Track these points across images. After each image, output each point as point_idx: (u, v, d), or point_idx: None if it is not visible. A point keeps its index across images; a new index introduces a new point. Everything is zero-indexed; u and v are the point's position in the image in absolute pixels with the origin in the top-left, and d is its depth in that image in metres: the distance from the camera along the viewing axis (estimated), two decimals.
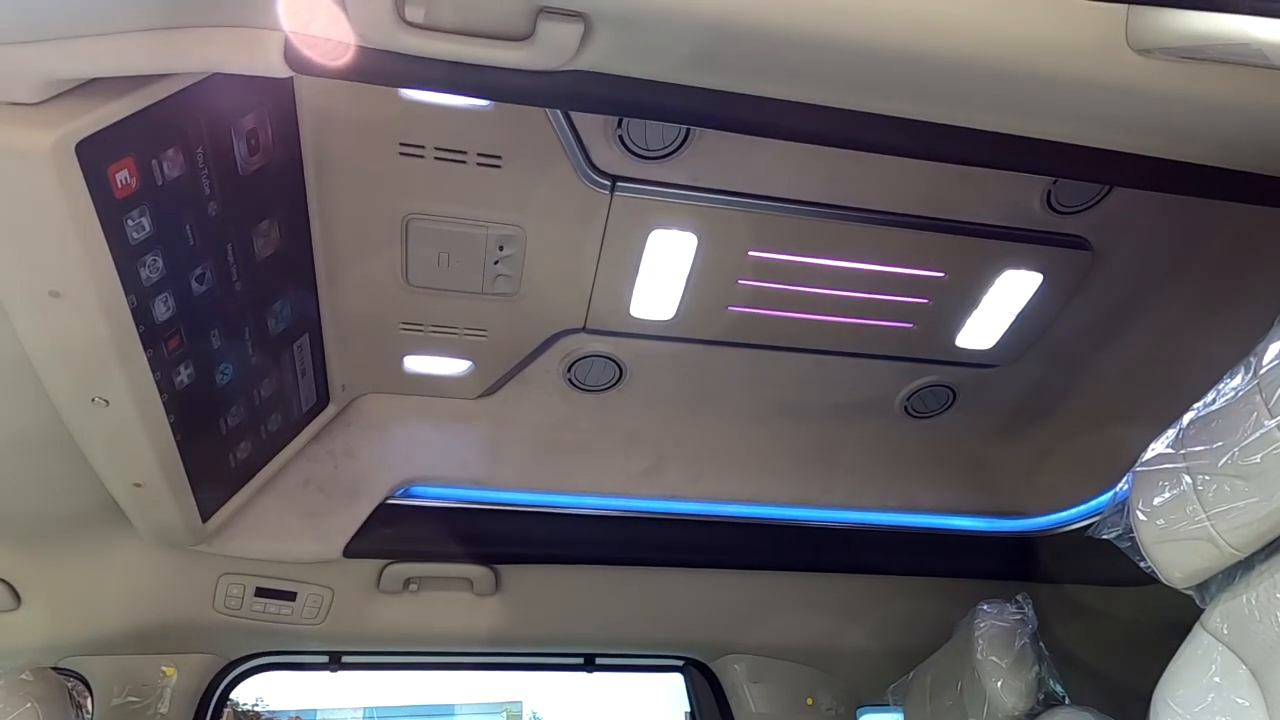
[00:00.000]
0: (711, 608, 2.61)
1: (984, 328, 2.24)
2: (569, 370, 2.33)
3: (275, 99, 1.56)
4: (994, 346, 2.30)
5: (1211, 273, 2.04)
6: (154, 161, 1.36)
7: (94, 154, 1.24)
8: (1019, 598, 2.17)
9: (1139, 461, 1.49)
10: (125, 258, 1.38)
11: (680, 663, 2.87)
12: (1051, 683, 2.06)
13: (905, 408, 2.51)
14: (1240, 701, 1.28)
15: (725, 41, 1.14)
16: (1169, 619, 1.53)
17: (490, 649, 2.63)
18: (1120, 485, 1.55)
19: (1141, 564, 1.48)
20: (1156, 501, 1.42)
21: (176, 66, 1.19)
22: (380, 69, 1.17)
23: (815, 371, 2.37)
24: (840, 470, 2.53)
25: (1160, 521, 1.42)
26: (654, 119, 1.67)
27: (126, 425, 1.60)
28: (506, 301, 2.09)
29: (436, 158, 1.77)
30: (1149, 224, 2.01)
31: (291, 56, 1.17)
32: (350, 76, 1.19)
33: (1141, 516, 1.45)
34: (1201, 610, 1.42)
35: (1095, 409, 2.40)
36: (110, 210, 1.32)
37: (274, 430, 2.10)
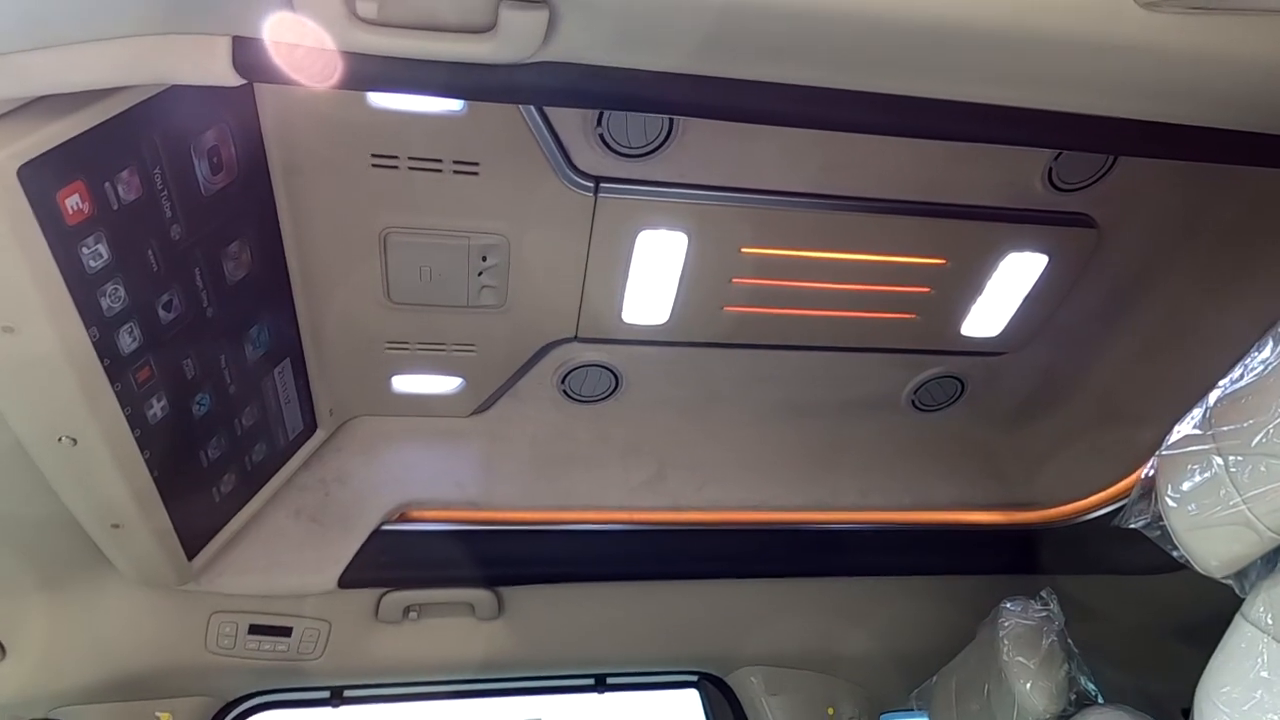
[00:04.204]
0: (723, 619, 2.53)
1: (989, 314, 2.17)
2: (563, 381, 2.26)
3: (236, 114, 1.50)
4: (1001, 333, 2.23)
5: (1222, 242, 1.97)
6: (107, 185, 1.29)
7: (39, 179, 1.17)
8: (1043, 593, 2.08)
9: (1165, 445, 1.41)
10: (83, 288, 1.31)
11: (694, 678, 2.78)
12: (1083, 681, 1.98)
13: (913, 401, 2.44)
14: None
15: (702, 22, 1.07)
16: (1205, 605, 1.45)
17: (497, 674, 2.55)
18: (1146, 470, 1.48)
19: (1174, 553, 1.40)
20: (1186, 486, 1.35)
21: (120, 80, 1.12)
22: (336, 71, 1.10)
23: (817, 369, 2.30)
24: (849, 470, 2.45)
25: (1191, 507, 1.34)
26: (631, 110, 1.60)
27: (98, 464, 1.53)
28: (494, 314, 2.02)
29: (411, 168, 1.70)
30: (1155, 196, 1.94)
31: (241, 63, 1.10)
32: (305, 81, 1.12)
33: (1171, 503, 1.37)
34: (1241, 599, 1.34)
35: (1109, 391, 2.32)
36: (62, 238, 1.24)
37: (259, 460, 2.03)
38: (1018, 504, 2.49)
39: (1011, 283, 2.08)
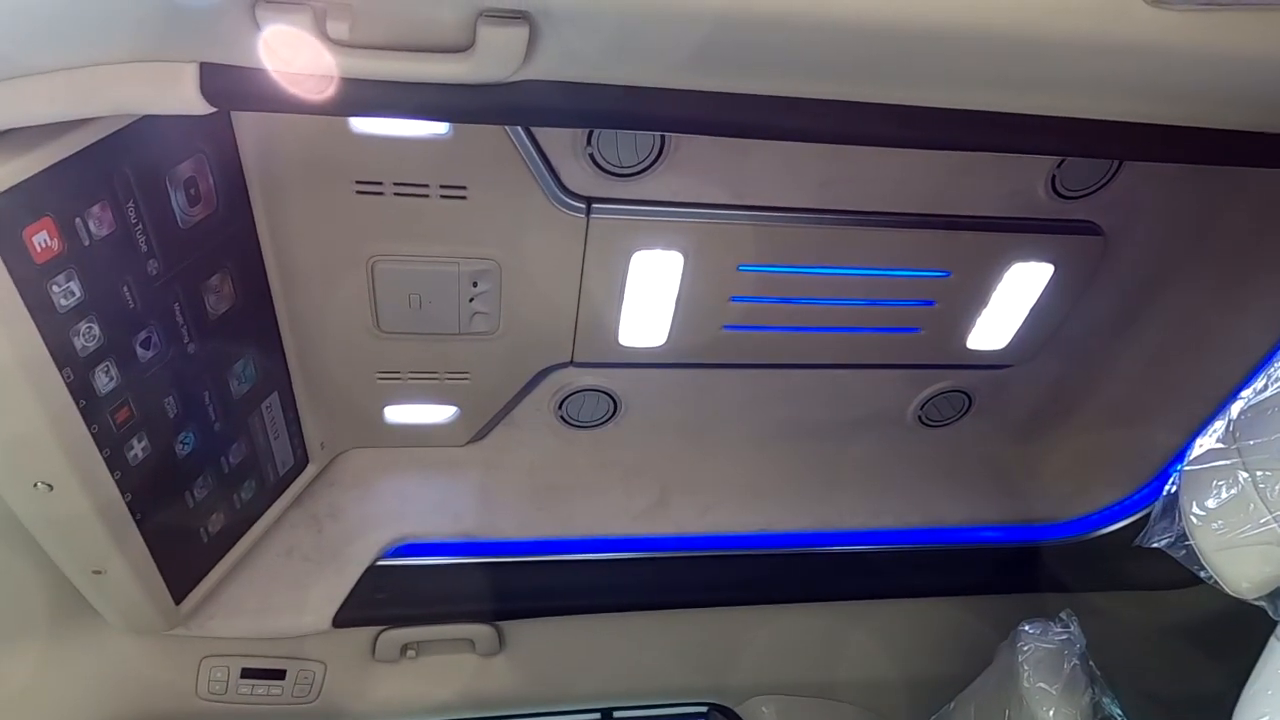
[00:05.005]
0: (733, 648, 2.45)
1: (995, 327, 2.11)
2: (560, 407, 2.20)
3: (214, 143, 1.45)
4: (1007, 346, 2.17)
5: (1234, 246, 1.92)
6: (78, 220, 1.24)
7: (4, 216, 1.12)
8: (1063, 614, 2.01)
9: (1187, 459, 1.35)
10: (54, 328, 1.26)
11: (704, 709, 2.70)
12: (1108, 705, 1.90)
13: (919, 417, 2.38)
14: None
15: (693, 35, 1.02)
16: (1235, 618, 1.39)
17: (500, 712, 2.47)
18: (1169, 486, 1.42)
19: (1201, 573, 1.34)
20: (1211, 504, 1.28)
21: (84, 112, 1.07)
22: (310, 96, 1.06)
23: (821, 387, 2.24)
24: (857, 490, 2.39)
25: (1217, 524, 1.27)
26: (620, 127, 1.55)
27: (76, 509, 1.47)
28: (487, 340, 1.96)
29: (396, 194, 1.65)
30: (1163, 201, 1.89)
31: (210, 91, 1.05)
32: (278, 107, 1.07)
33: (1196, 520, 1.31)
34: (1276, 622, 1.28)
35: (1121, 403, 2.26)
36: (30, 277, 1.19)
37: (249, 498, 1.96)
38: (1031, 519, 2.43)
39: (1018, 294, 2.03)
